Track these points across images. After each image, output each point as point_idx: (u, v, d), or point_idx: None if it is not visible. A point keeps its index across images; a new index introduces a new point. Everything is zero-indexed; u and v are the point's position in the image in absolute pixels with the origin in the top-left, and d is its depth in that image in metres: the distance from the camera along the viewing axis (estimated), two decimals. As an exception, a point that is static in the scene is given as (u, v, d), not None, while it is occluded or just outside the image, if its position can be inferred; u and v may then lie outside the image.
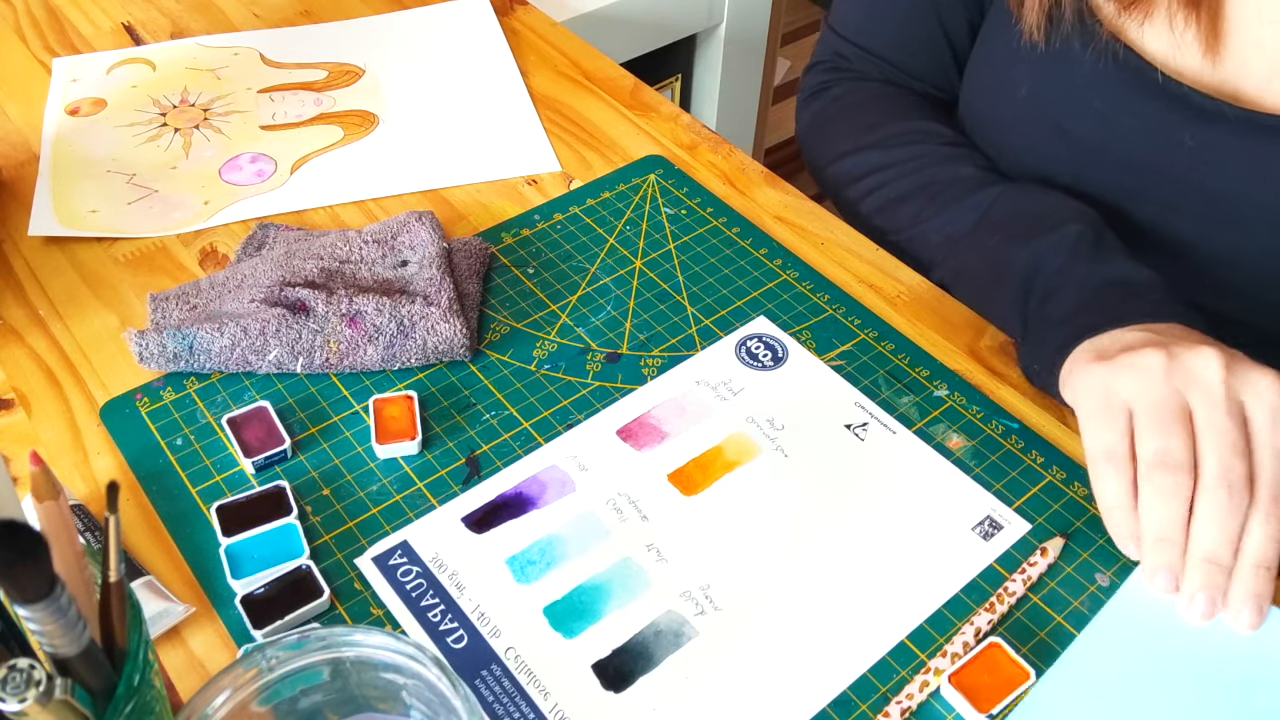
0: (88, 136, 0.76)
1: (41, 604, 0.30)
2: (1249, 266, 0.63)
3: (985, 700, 0.47)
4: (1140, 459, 0.50)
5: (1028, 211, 0.63)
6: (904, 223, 0.69)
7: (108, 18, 0.88)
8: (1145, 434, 0.50)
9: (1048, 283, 0.59)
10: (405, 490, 0.55)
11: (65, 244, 0.68)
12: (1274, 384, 0.50)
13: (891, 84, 0.76)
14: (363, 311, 0.59)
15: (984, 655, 0.48)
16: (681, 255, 0.69)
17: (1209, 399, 0.49)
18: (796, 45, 2.35)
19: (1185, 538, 0.49)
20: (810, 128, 0.79)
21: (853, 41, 0.78)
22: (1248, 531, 0.48)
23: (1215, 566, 0.48)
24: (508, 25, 0.88)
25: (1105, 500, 0.51)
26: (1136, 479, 0.50)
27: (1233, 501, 0.47)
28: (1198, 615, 0.48)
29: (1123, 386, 0.51)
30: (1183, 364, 0.50)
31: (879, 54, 0.76)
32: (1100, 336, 0.55)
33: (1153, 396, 0.50)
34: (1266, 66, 0.59)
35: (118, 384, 0.60)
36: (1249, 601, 0.48)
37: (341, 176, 0.74)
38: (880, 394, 0.60)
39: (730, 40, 1.36)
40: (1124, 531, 0.51)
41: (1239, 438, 0.48)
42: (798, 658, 0.49)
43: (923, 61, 0.75)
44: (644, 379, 0.61)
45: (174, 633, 0.49)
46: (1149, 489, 0.49)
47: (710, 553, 0.53)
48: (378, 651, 0.38)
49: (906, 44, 0.75)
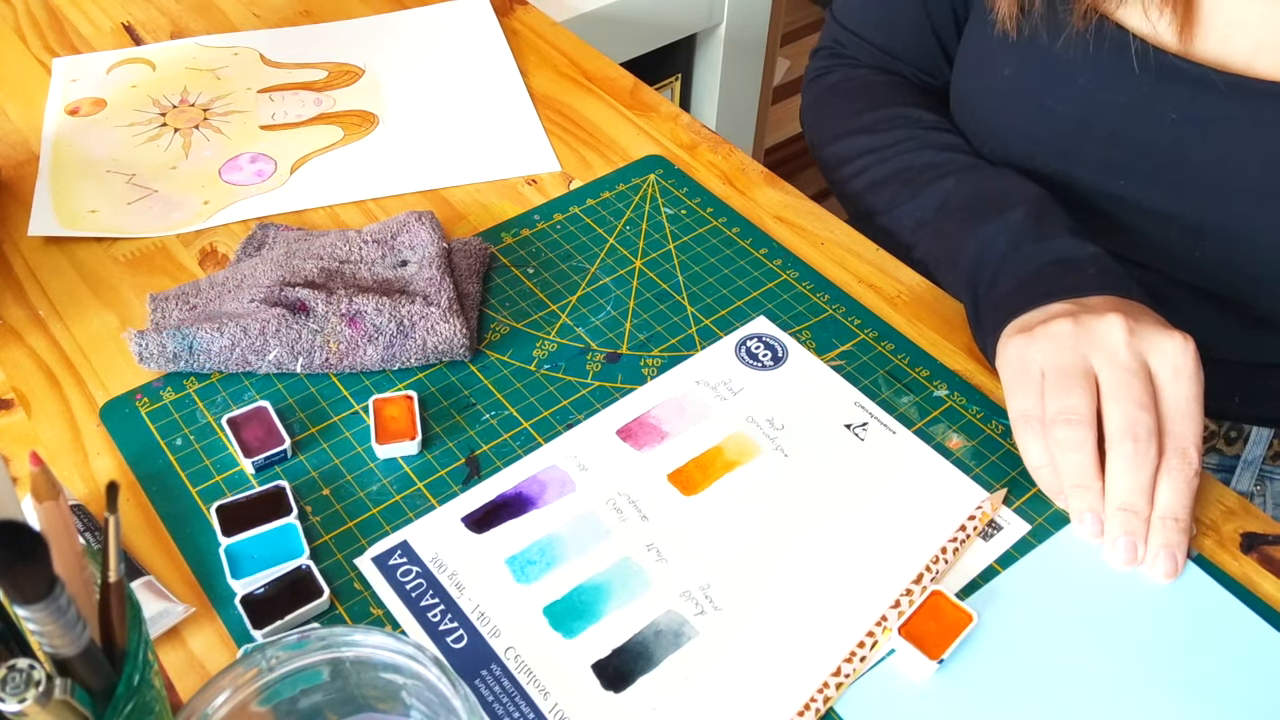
0: (88, 136, 0.76)
1: (41, 604, 0.30)
2: (1234, 238, 0.63)
3: (934, 647, 0.48)
4: (1045, 419, 0.53)
5: (982, 194, 0.65)
6: (883, 207, 0.72)
7: (108, 18, 0.88)
8: (1049, 395, 0.53)
9: (994, 269, 0.61)
10: (405, 490, 0.55)
11: (65, 244, 0.68)
12: (1177, 344, 0.52)
13: (883, 70, 0.79)
14: (362, 311, 0.59)
15: (927, 605, 0.50)
16: (681, 255, 0.69)
17: (1112, 360, 0.52)
18: (796, 45, 2.35)
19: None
20: (809, 111, 0.82)
21: (849, 28, 0.81)
22: (1158, 484, 0.51)
23: (1131, 514, 0.51)
24: (508, 25, 0.88)
25: (1030, 461, 0.54)
26: None
27: (1139, 450, 0.51)
28: (1120, 561, 0.51)
29: (1035, 354, 0.54)
30: (1089, 330, 0.53)
31: (872, 41, 0.79)
32: (1030, 313, 0.57)
33: (1058, 361, 0.53)
34: (1251, 43, 0.59)
35: (118, 384, 0.60)
36: (1162, 551, 0.51)
37: (341, 176, 0.74)
38: (880, 394, 0.60)
39: (730, 40, 1.36)
40: (1051, 488, 0.54)
41: (1143, 393, 0.51)
42: (798, 657, 0.49)
43: (911, 48, 0.78)
44: (644, 379, 0.61)
45: (174, 633, 0.49)
46: (1053, 445, 0.53)
47: (710, 553, 0.53)
48: (378, 651, 0.38)
49: (896, 31, 0.78)
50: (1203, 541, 0.54)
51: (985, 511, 0.54)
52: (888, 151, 0.72)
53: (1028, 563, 0.52)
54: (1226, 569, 0.53)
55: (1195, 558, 0.53)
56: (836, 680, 0.48)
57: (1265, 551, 0.54)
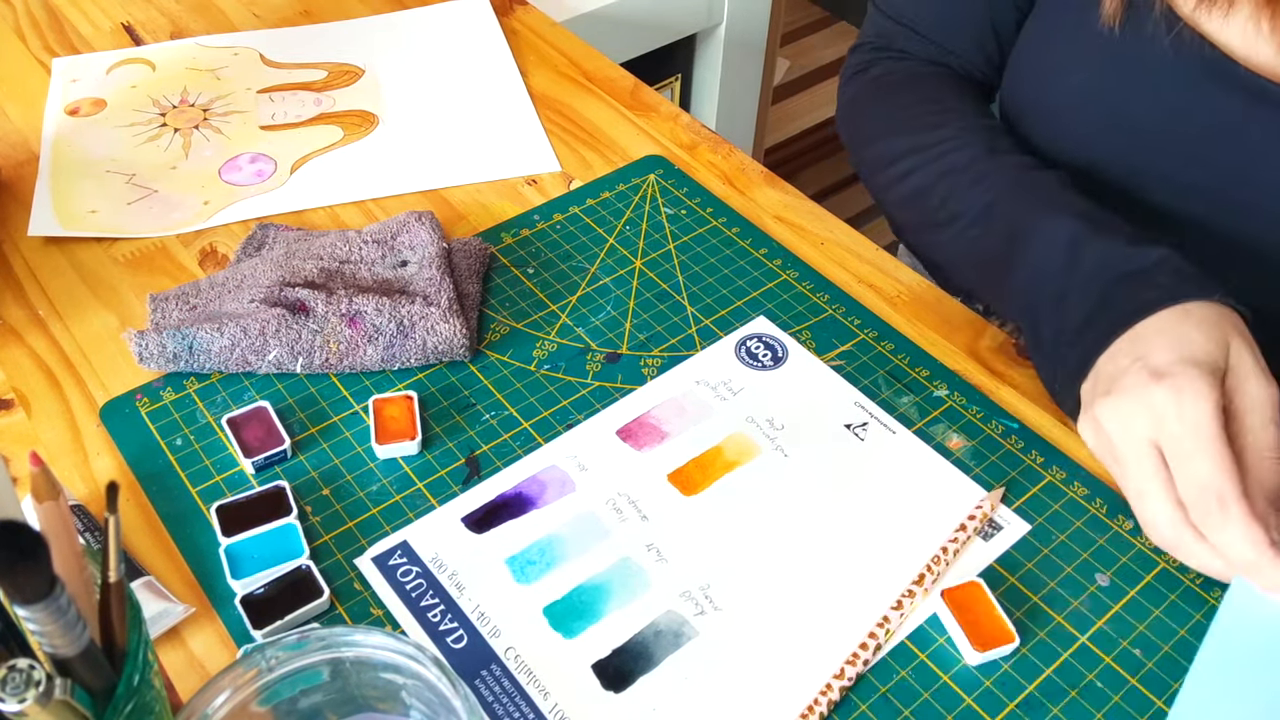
0: (87, 136, 0.76)
1: (41, 604, 0.30)
2: None
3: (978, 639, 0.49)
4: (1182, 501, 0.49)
5: (1026, 204, 0.61)
6: (926, 218, 0.67)
7: (107, 18, 0.88)
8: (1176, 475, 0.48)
9: (1054, 287, 0.57)
10: (405, 490, 0.55)
11: (65, 244, 0.68)
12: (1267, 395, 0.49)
13: (934, 63, 0.75)
14: (362, 311, 0.59)
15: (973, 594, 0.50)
16: (681, 255, 0.69)
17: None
18: (796, 45, 2.35)
19: None
20: (847, 109, 0.77)
21: (896, 20, 0.76)
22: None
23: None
24: (508, 25, 0.88)
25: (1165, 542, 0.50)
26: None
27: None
28: None
29: (1113, 434, 0.50)
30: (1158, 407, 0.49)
31: (922, 32, 0.75)
32: (1101, 365, 0.53)
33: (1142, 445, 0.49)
34: None
35: (118, 384, 0.60)
36: None
37: (341, 176, 0.74)
38: (880, 394, 0.60)
39: (730, 40, 1.36)
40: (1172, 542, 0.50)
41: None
42: (798, 658, 0.49)
43: (965, 41, 0.73)
44: (644, 379, 0.61)
45: (174, 633, 0.49)
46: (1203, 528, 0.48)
47: (710, 553, 0.53)
48: (378, 651, 0.38)
49: (949, 21, 0.74)
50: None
51: (985, 511, 0.54)
52: (930, 153, 0.67)
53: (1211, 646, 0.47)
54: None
55: None
56: (840, 682, 0.48)
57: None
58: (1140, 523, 0.50)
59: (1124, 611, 0.51)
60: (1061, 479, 0.56)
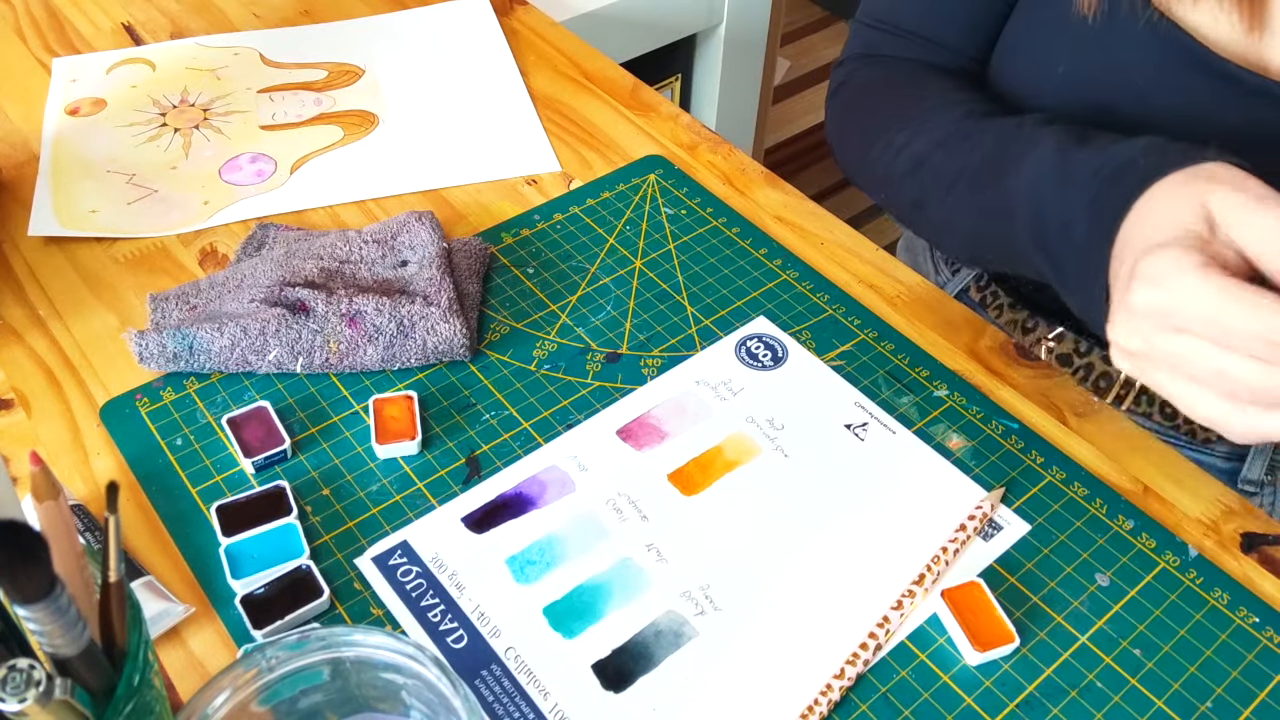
0: (88, 136, 0.76)
1: (41, 604, 0.30)
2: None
3: (977, 639, 0.49)
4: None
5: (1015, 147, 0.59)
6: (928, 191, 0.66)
7: (108, 18, 0.88)
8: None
9: (1057, 219, 0.55)
10: (405, 490, 0.55)
11: (65, 244, 0.68)
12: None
13: (923, 62, 0.74)
14: (363, 311, 0.59)
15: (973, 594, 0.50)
16: (681, 255, 0.69)
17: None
18: (796, 45, 2.35)
19: None
20: (833, 125, 0.77)
21: (880, 26, 0.75)
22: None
23: None
24: (508, 25, 0.88)
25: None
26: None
27: None
28: None
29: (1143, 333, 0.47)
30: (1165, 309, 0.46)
31: (910, 29, 0.73)
32: (1111, 286, 0.50)
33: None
34: None
35: (118, 384, 0.60)
36: None
37: (341, 176, 0.74)
38: (880, 394, 0.60)
39: (730, 40, 1.36)
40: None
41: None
42: (798, 658, 0.49)
43: (955, 32, 0.72)
44: (644, 379, 0.61)
45: (174, 633, 0.49)
46: None
47: (710, 553, 0.53)
48: (378, 651, 0.38)
49: (935, 13, 0.73)
50: (1203, 542, 0.54)
51: (985, 511, 0.54)
52: (921, 125, 0.66)
53: None
54: (1227, 569, 0.53)
55: (1195, 558, 0.53)
56: (840, 682, 0.48)
57: (1265, 552, 0.54)
58: (1226, 415, 0.45)
59: (1124, 611, 0.51)
60: (1061, 479, 0.56)
